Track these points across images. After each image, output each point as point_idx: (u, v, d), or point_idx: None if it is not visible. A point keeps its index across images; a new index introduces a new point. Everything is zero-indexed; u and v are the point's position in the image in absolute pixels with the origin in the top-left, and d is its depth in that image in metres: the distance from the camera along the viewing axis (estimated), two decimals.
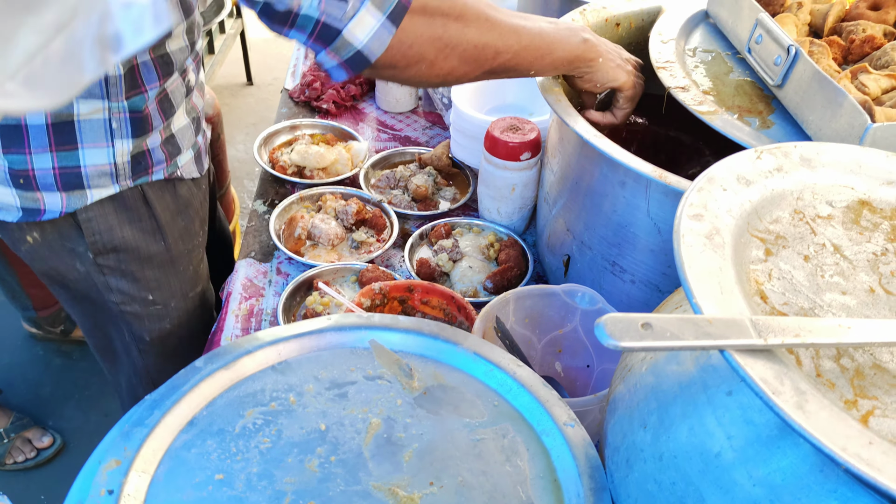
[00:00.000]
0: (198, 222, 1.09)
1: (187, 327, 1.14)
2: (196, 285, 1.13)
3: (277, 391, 0.65)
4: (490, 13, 0.80)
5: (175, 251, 1.06)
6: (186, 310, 1.12)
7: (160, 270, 1.06)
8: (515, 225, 1.10)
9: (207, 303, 1.19)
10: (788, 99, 0.82)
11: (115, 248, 1.01)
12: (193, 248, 1.09)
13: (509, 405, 0.65)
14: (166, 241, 1.04)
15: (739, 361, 0.44)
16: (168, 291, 1.09)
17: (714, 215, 0.54)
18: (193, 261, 1.10)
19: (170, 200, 1.03)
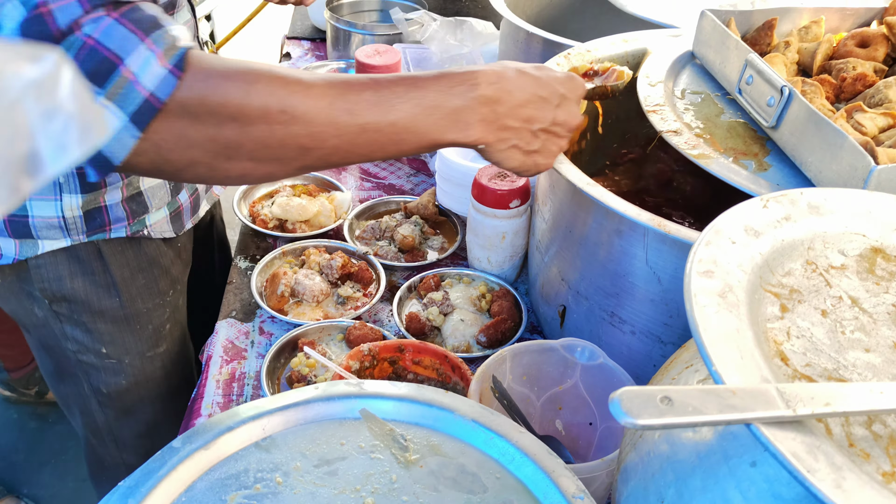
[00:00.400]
0: (166, 281, 1.05)
1: (146, 386, 1.10)
2: (157, 345, 1.08)
3: (262, 471, 0.60)
4: (288, 102, 0.63)
5: (132, 309, 1.02)
6: (144, 369, 1.08)
7: (114, 325, 1.03)
8: (506, 274, 1.07)
9: (179, 362, 1.14)
10: (784, 140, 0.80)
11: (65, 298, 0.99)
12: (155, 308, 1.05)
13: (513, 477, 0.61)
14: (121, 298, 1.01)
15: (768, 435, 0.41)
16: (122, 347, 1.05)
17: (725, 271, 0.51)
18: (154, 320, 1.06)
19: (131, 257, 1.00)
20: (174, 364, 1.13)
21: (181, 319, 1.13)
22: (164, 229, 1.02)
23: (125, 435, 1.15)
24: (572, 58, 1.02)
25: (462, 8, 1.90)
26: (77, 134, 0.26)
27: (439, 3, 1.92)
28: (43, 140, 0.25)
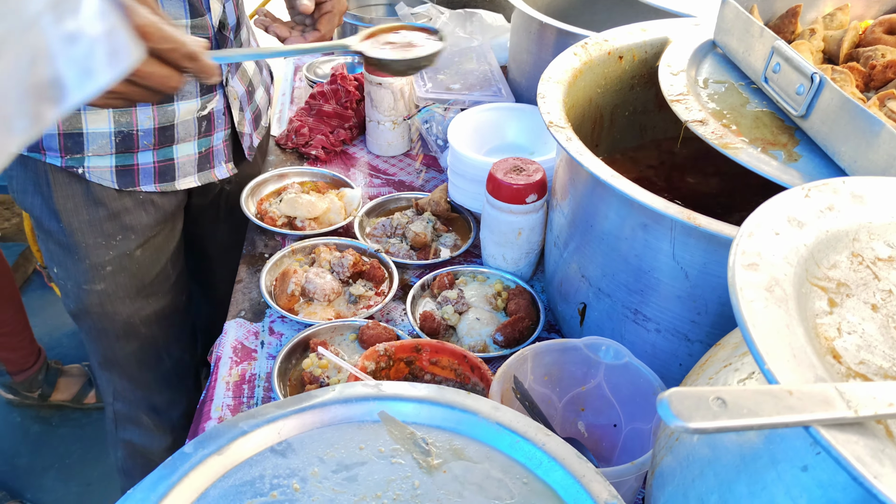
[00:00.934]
0: (114, 225, 1.10)
1: (88, 319, 1.19)
2: (94, 281, 1.14)
3: (279, 477, 0.58)
4: None
5: (73, 239, 1.10)
6: (81, 300, 1.16)
7: (59, 249, 1.12)
8: (522, 271, 1.04)
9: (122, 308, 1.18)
10: (815, 130, 0.77)
11: (28, 210, 1.10)
12: (97, 246, 1.11)
13: (541, 482, 0.58)
14: (61, 224, 1.09)
15: (829, 439, 0.38)
16: (65, 271, 1.15)
17: (770, 264, 0.48)
18: (92, 256, 1.12)
19: (76, 190, 1.06)
20: (115, 306, 1.17)
21: (133, 269, 1.16)
22: (105, 177, 1.06)
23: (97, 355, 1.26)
24: (589, 47, 0.99)
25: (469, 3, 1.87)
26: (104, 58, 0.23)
27: None
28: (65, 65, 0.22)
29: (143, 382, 1.28)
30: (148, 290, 1.19)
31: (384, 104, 1.27)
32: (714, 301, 0.74)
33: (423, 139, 1.32)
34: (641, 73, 1.05)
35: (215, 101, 1.10)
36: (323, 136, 1.32)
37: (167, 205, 1.14)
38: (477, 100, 1.29)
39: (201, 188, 1.17)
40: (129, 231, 1.12)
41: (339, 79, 1.37)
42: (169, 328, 1.27)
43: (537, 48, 1.27)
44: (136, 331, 1.21)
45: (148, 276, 1.18)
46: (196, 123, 1.09)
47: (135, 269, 1.16)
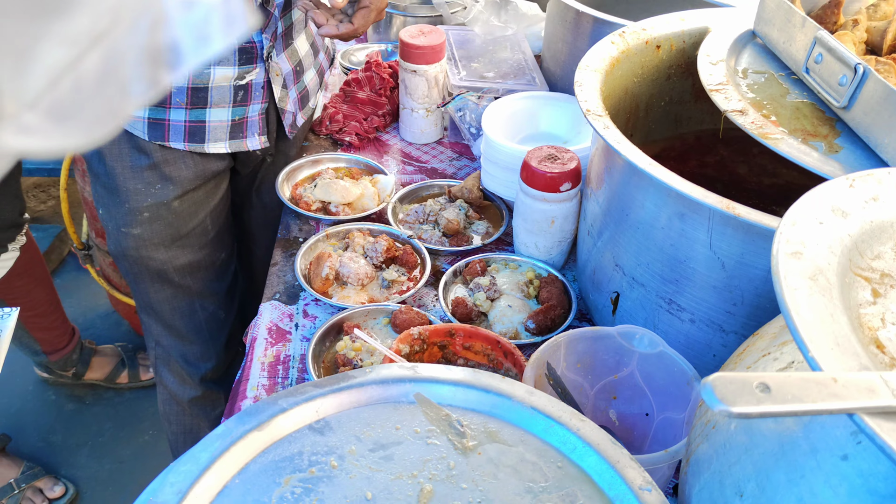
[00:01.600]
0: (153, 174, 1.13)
1: (127, 260, 1.22)
2: (131, 225, 1.18)
3: (317, 454, 0.59)
4: None
5: (115, 181, 1.14)
6: (119, 242, 1.20)
7: (104, 190, 1.17)
8: (554, 260, 1.04)
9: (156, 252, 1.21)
10: (857, 121, 0.76)
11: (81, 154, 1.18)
12: (136, 191, 1.14)
13: (575, 466, 0.59)
14: (106, 167, 1.12)
15: (874, 427, 0.38)
16: (108, 213, 1.19)
17: (814, 252, 0.48)
18: (132, 201, 1.15)
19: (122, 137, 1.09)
20: (148, 251, 1.21)
21: (169, 218, 1.19)
22: (137, 128, 1.09)
23: (137, 297, 1.30)
24: (627, 36, 0.99)
25: None
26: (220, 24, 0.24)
27: None
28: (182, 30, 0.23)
29: (176, 330, 1.32)
30: (183, 241, 1.22)
31: (418, 92, 1.28)
32: (751, 292, 0.74)
33: (453, 126, 1.32)
34: (679, 63, 1.05)
35: (254, 73, 1.12)
36: (357, 122, 1.32)
37: (209, 164, 1.17)
38: (511, 88, 1.29)
39: (243, 158, 1.20)
40: (168, 181, 1.15)
41: (373, 66, 1.38)
42: (204, 281, 1.30)
43: (573, 37, 1.27)
44: (168, 278, 1.25)
45: (184, 227, 1.21)
46: (232, 91, 1.10)
47: (171, 218, 1.19)
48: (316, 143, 1.34)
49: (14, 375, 2.08)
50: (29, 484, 1.75)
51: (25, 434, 1.93)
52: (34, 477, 1.76)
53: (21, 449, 1.87)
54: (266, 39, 1.11)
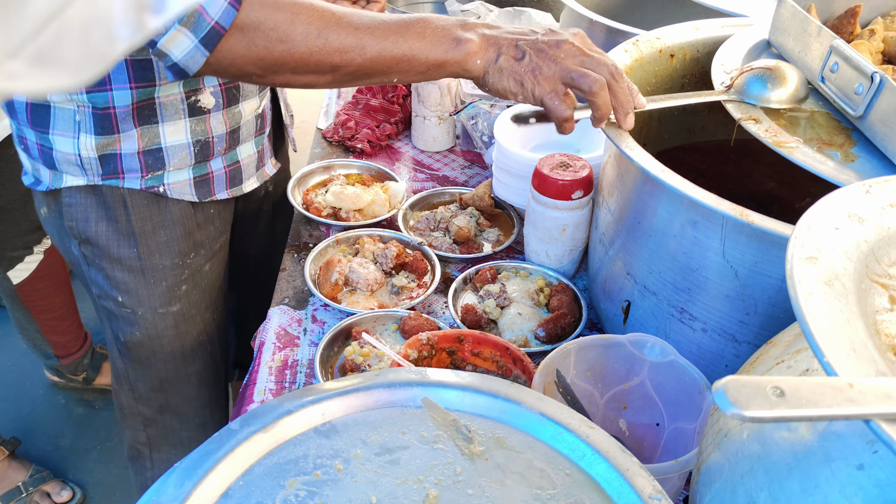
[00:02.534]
0: (187, 243, 1.08)
1: (158, 342, 1.14)
2: (170, 303, 1.11)
3: (322, 457, 0.58)
4: (325, 26, 0.78)
5: (148, 262, 1.06)
6: (155, 324, 1.12)
7: (130, 275, 1.07)
8: (565, 268, 1.03)
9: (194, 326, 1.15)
10: (873, 130, 0.75)
11: (88, 240, 1.04)
12: (173, 267, 1.08)
13: (584, 474, 0.58)
14: (138, 249, 1.05)
15: (891, 433, 0.37)
16: (136, 298, 1.09)
17: (829, 258, 0.47)
18: (169, 278, 1.09)
19: (155, 212, 1.04)
20: (188, 326, 1.15)
21: (203, 284, 1.14)
22: (185, 192, 1.04)
23: (140, 386, 1.19)
24: (641, 45, 0.98)
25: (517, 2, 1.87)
26: None
27: None
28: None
29: (200, 401, 1.24)
30: (215, 304, 1.18)
31: (431, 99, 1.28)
32: (764, 301, 0.73)
33: (465, 135, 1.32)
34: (693, 73, 1.04)
35: (266, 98, 1.10)
36: (369, 129, 1.33)
37: (227, 214, 1.13)
38: None
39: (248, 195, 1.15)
40: (199, 247, 1.10)
41: None
42: (224, 342, 1.25)
43: None
44: (203, 348, 1.19)
45: (214, 289, 1.17)
46: (255, 122, 1.08)
47: (205, 284, 1.14)
48: (328, 149, 1.34)
49: (24, 379, 2.08)
50: (37, 488, 1.75)
51: (34, 438, 1.93)
52: (42, 481, 1.76)
53: (30, 452, 1.87)
54: None
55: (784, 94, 0.83)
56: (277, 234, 1.27)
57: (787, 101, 0.83)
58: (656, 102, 0.86)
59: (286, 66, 0.79)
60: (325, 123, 1.40)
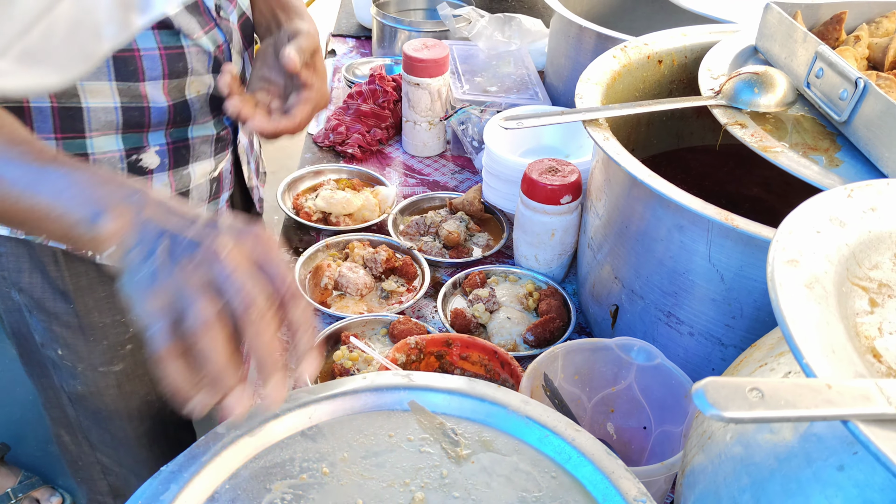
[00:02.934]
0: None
1: (102, 400, 1.03)
2: (112, 363, 1.00)
3: (308, 461, 0.58)
4: None
5: (86, 319, 0.96)
6: (97, 382, 1.01)
7: (68, 331, 0.97)
8: (554, 273, 1.04)
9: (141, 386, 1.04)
10: (858, 135, 0.76)
11: (22, 290, 0.94)
12: (114, 324, 0.98)
13: (570, 476, 0.58)
14: (75, 306, 0.95)
15: (868, 434, 0.37)
16: (76, 355, 0.99)
17: (811, 261, 0.48)
18: (110, 337, 0.98)
19: (91, 267, 0.93)
20: (133, 386, 1.04)
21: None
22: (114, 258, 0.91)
23: (95, 438, 1.09)
24: (629, 51, 0.99)
25: (508, 8, 1.88)
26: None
27: (485, 3, 1.90)
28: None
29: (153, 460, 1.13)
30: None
31: (421, 105, 1.28)
32: (750, 305, 0.74)
33: (455, 140, 1.32)
34: (681, 78, 1.05)
35: (226, 161, 0.99)
36: (359, 135, 1.33)
37: None
38: (513, 102, 1.29)
39: None
40: None
41: (377, 79, 1.39)
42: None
43: (575, 52, 1.27)
44: (150, 408, 1.08)
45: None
46: (209, 186, 0.97)
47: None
48: (318, 154, 1.35)
49: (14, 384, 2.07)
50: (26, 494, 1.74)
51: (24, 443, 1.92)
52: (31, 487, 1.75)
53: (19, 458, 1.86)
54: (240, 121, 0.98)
55: (773, 99, 0.84)
56: None
57: (775, 105, 0.83)
58: (646, 107, 0.86)
59: None
60: (316, 129, 1.40)
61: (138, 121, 0.86)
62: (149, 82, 0.84)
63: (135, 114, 0.85)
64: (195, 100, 0.90)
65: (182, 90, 0.88)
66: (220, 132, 0.97)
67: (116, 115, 0.84)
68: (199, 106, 0.91)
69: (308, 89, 0.86)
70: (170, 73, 0.85)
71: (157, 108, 0.86)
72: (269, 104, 0.87)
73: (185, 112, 0.89)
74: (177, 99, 0.87)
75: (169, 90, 0.86)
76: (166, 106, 0.86)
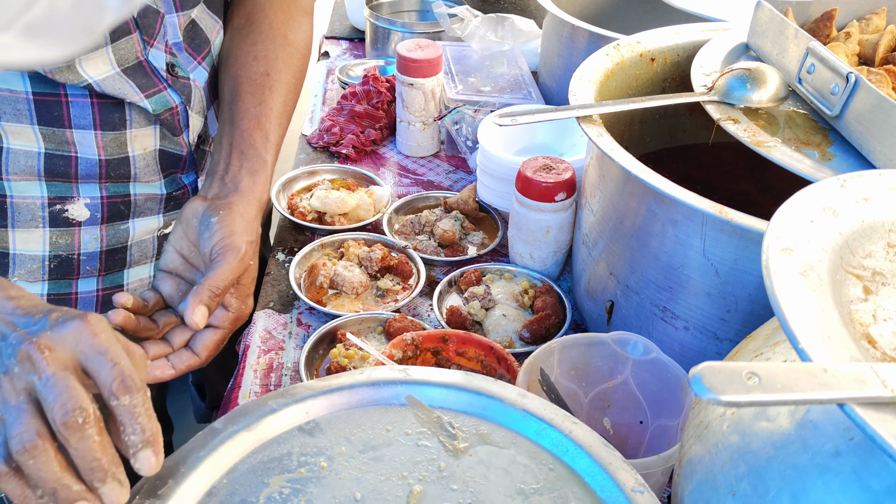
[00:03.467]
0: None
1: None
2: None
3: (306, 455, 0.58)
4: None
5: None
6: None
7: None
8: (549, 270, 1.04)
9: None
10: (850, 129, 0.77)
11: None
12: None
13: (567, 468, 0.58)
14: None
15: (865, 417, 0.37)
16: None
17: (805, 249, 0.48)
18: None
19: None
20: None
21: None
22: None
23: None
24: (622, 49, 0.99)
25: (501, 8, 1.88)
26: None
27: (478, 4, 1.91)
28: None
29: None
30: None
31: (415, 105, 1.28)
32: (744, 299, 0.74)
33: (450, 140, 1.33)
34: (674, 76, 1.05)
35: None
36: (353, 135, 1.33)
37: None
38: (507, 102, 1.30)
39: None
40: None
41: (371, 80, 1.39)
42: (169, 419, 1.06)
43: (568, 52, 1.28)
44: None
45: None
46: (155, 242, 0.91)
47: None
48: (312, 155, 1.35)
49: None
50: None
51: None
52: None
53: None
54: (200, 181, 0.95)
55: (765, 95, 0.84)
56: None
57: (767, 101, 0.84)
58: (639, 103, 0.87)
59: None
60: (310, 130, 1.40)
61: (63, 170, 0.81)
62: (77, 130, 0.78)
63: (59, 162, 0.80)
64: (140, 157, 0.84)
65: (122, 145, 0.82)
66: (172, 192, 0.91)
67: (38, 161, 0.79)
68: (143, 164, 0.85)
69: (224, 316, 0.75)
70: (102, 125, 0.79)
71: (85, 160, 0.80)
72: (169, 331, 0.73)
73: (122, 168, 0.83)
74: (114, 154, 0.82)
75: (104, 144, 0.80)
76: (97, 159, 0.81)
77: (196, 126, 0.91)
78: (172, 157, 0.88)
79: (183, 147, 0.89)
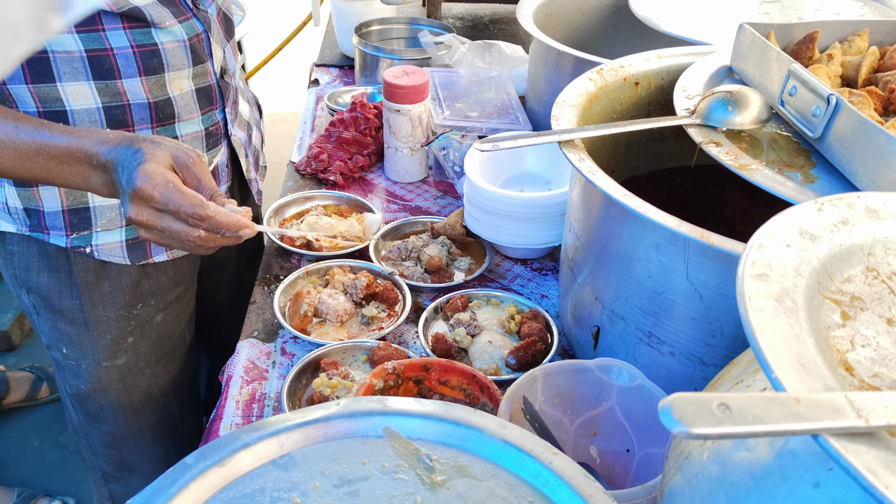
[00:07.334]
0: (134, 294, 1.04)
1: (105, 396, 1.10)
2: (115, 356, 1.07)
3: (279, 490, 0.57)
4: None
5: (91, 314, 1.02)
6: (100, 377, 1.08)
7: (73, 328, 1.04)
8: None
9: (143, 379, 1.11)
10: (832, 151, 0.76)
11: (31, 289, 1.01)
12: (118, 318, 1.04)
13: (547, 501, 0.57)
14: (81, 300, 1.01)
15: (839, 448, 0.36)
16: (80, 351, 1.06)
17: (781, 275, 0.47)
18: (113, 331, 1.05)
19: (97, 264, 1.00)
20: (135, 379, 1.10)
21: (153, 336, 1.10)
22: (115, 254, 0.99)
23: (93, 440, 1.16)
24: (605, 73, 0.99)
25: (489, 35, 1.90)
26: None
27: (466, 31, 1.92)
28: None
29: (156, 456, 1.20)
30: (168, 357, 1.14)
31: (402, 131, 1.28)
32: (730, 323, 0.73)
33: (437, 165, 1.32)
34: (658, 100, 1.05)
35: (220, 154, 1.05)
36: (342, 162, 1.33)
37: (184, 264, 1.10)
38: (494, 128, 1.30)
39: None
40: (149, 297, 1.06)
41: (358, 106, 1.39)
42: (184, 395, 1.20)
43: (555, 77, 1.28)
44: (154, 402, 1.15)
45: (168, 341, 1.13)
46: None
47: (155, 335, 1.10)
48: (300, 182, 1.34)
49: None
50: None
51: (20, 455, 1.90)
52: (31, 497, 1.75)
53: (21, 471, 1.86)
54: (229, 114, 1.05)
55: (747, 118, 0.84)
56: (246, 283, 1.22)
57: (750, 123, 0.84)
58: (620, 127, 0.86)
59: None
60: (298, 157, 1.40)
61: (121, 119, 0.92)
62: (126, 80, 0.91)
63: (117, 112, 0.92)
64: (179, 97, 0.96)
65: (163, 87, 0.94)
66: (208, 127, 1.02)
67: (100, 115, 0.91)
68: (183, 103, 0.97)
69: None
70: (145, 70, 0.92)
71: (137, 105, 0.92)
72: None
73: (168, 108, 0.95)
74: (159, 96, 0.94)
75: (150, 87, 0.93)
76: (147, 102, 0.93)
77: (217, 56, 1.02)
78: (205, 94, 1.00)
79: (209, 77, 1.01)
